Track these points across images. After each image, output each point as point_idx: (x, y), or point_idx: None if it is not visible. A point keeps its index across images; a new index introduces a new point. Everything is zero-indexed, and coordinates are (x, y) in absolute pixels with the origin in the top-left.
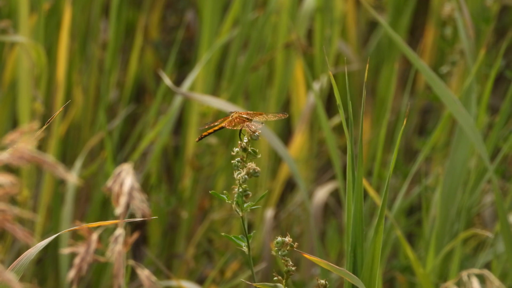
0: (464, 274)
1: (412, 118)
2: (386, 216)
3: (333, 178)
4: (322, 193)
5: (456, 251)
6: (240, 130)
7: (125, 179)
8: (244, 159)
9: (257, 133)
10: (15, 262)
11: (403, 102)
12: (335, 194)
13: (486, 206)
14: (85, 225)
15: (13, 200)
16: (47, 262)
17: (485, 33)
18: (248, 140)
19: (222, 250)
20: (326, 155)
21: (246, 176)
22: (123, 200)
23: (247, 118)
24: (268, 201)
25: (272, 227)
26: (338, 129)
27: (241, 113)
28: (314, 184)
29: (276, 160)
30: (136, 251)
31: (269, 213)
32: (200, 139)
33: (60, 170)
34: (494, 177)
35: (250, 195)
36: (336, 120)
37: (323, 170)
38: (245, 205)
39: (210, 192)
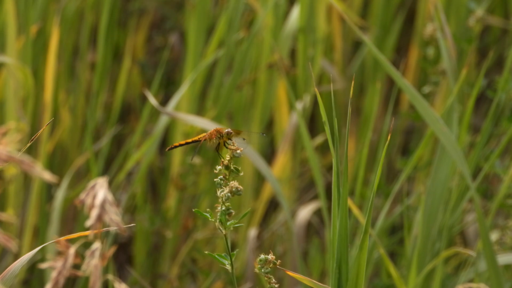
0: None
1: (395, 138)
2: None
3: (316, 197)
4: (305, 213)
5: (437, 270)
6: (218, 145)
7: (98, 192)
8: (227, 177)
9: (239, 150)
10: (1, 275)
11: (386, 121)
12: (318, 213)
13: (468, 225)
14: (63, 239)
15: None
16: (34, 283)
17: (467, 53)
18: (231, 157)
19: (206, 269)
20: (309, 174)
21: (229, 194)
22: (94, 213)
23: (227, 133)
24: (251, 220)
25: (255, 247)
26: (321, 148)
27: (219, 129)
28: (297, 204)
29: (260, 180)
30: (120, 271)
31: (252, 232)
32: (170, 148)
33: (37, 170)
34: (475, 196)
35: (233, 213)
36: (319, 140)
37: (306, 189)
38: (228, 223)
39: (193, 210)
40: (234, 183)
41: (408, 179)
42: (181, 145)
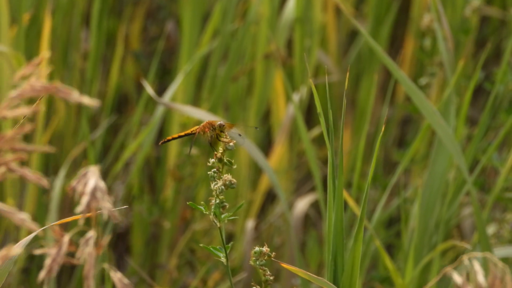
0: (465, 258)
1: (391, 129)
2: (365, 228)
3: (313, 189)
4: (302, 204)
5: (434, 263)
6: (211, 138)
7: (89, 180)
8: (220, 169)
9: (231, 143)
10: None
11: (382, 113)
12: (315, 205)
13: (465, 218)
14: (57, 223)
15: None
16: (34, 271)
17: (465, 44)
18: (223, 150)
19: (204, 260)
20: (306, 166)
21: (222, 187)
22: (84, 199)
23: (219, 125)
24: (248, 212)
25: (253, 238)
26: (318, 140)
27: (211, 121)
28: (294, 195)
29: (257, 171)
30: (119, 261)
31: (250, 224)
32: (164, 142)
33: (75, 96)
34: (472, 189)
35: (227, 206)
36: (315, 131)
37: (303, 181)
38: (223, 216)
39: (188, 203)
40: (227, 176)
41: (404, 172)
42: (174, 138)
